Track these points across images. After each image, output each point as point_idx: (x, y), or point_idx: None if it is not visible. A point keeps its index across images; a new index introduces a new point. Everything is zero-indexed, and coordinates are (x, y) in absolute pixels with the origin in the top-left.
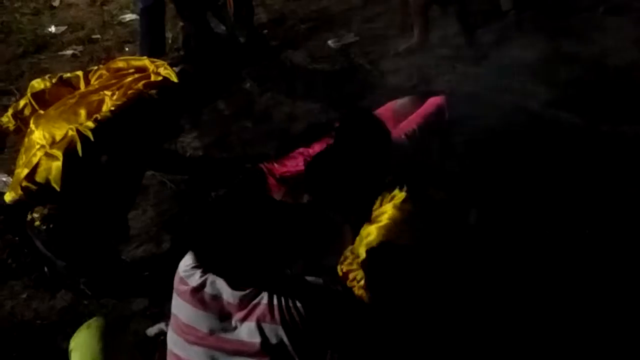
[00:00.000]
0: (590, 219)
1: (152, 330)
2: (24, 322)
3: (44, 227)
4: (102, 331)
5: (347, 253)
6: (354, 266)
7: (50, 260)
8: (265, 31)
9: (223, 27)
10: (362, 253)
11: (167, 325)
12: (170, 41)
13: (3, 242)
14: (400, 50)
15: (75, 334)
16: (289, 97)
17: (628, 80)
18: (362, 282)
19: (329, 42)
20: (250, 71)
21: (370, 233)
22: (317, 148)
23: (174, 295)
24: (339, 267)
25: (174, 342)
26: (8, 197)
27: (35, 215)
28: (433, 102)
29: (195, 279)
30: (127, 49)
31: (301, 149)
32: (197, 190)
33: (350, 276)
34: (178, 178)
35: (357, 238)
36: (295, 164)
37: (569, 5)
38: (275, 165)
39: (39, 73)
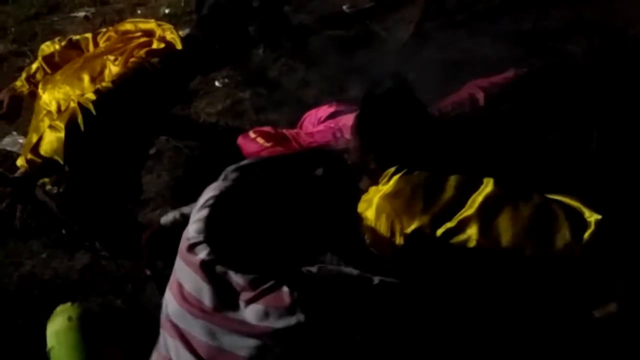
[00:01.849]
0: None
1: (166, 218)
2: (43, 280)
3: (56, 191)
4: (83, 331)
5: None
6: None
7: (66, 222)
8: None
9: None
10: (369, 216)
11: (182, 215)
12: (182, 4)
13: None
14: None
15: (51, 324)
16: (302, 63)
17: None
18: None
19: (344, 7)
20: (263, 37)
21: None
22: (344, 121)
23: (180, 261)
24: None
25: (174, 310)
26: (20, 161)
27: (46, 179)
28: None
29: (206, 252)
30: (139, 12)
31: (329, 122)
32: (210, 156)
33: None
34: (192, 144)
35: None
36: (322, 136)
37: None
38: (302, 134)
39: (52, 34)
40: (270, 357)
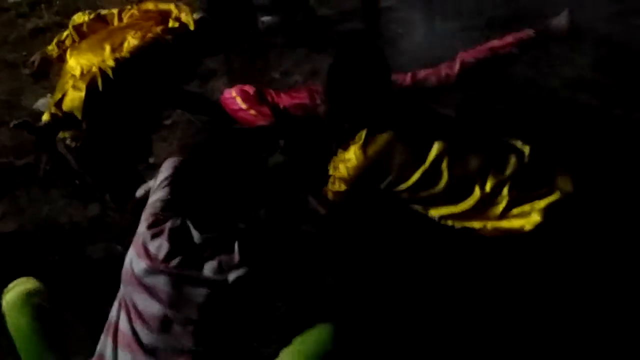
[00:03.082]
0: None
1: (140, 192)
2: (58, 224)
3: (74, 145)
4: (38, 313)
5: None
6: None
7: (80, 174)
8: None
9: None
10: (342, 169)
11: (148, 188)
12: None
13: (46, 155)
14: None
15: (8, 298)
16: (319, 53)
17: None
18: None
19: None
20: (282, 25)
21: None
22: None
23: (144, 225)
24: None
25: (141, 270)
26: (45, 115)
27: (67, 134)
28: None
29: (172, 221)
30: None
31: (311, 85)
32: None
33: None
34: (204, 118)
35: (337, 159)
36: (302, 97)
37: None
38: (283, 95)
39: (93, 10)
40: (220, 301)
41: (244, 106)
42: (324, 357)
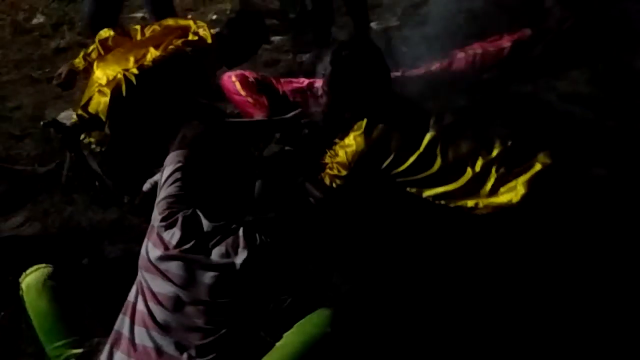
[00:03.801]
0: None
1: (146, 186)
2: (80, 227)
3: (98, 149)
4: (56, 295)
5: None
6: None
7: (101, 177)
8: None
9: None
10: (342, 155)
11: (155, 182)
12: (228, 12)
13: (70, 160)
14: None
15: (27, 282)
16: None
17: None
18: (333, 168)
19: (372, 23)
20: (294, 43)
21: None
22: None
23: (158, 219)
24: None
25: (156, 256)
26: (72, 118)
27: (92, 139)
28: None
29: (183, 212)
30: (189, 17)
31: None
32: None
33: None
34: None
35: (336, 147)
36: (301, 81)
37: None
38: (282, 81)
39: None
40: (228, 283)
41: (242, 93)
42: (323, 338)
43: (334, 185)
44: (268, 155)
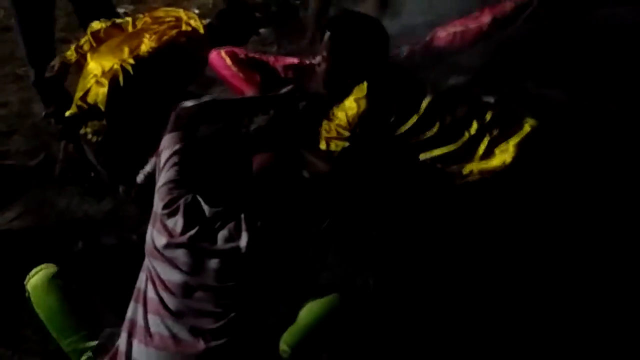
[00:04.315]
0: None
1: (140, 177)
2: (75, 218)
3: (95, 139)
4: (63, 292)
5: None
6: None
7: (96, 168)
8: (297, 1)
9: None
10: (341, 116)
11: (148, 172)
12: (210, 6)
13: (65, 154)
14: None
15: (33, 282)
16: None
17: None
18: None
19: None
20: (277, 37)
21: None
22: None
23: (160, 206)
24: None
25: (162, 245)
26: (67, 113)
27: (89, 129)
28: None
29: (184, 199)
30: None
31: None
32: None
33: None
34: None
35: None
36: (292, 59)
37: None
38: (272, 58)
39: None
40: (234, 267)
41: (233, 68)
42: (332, 311)
43: (336, 148)
44: (257, 130)
